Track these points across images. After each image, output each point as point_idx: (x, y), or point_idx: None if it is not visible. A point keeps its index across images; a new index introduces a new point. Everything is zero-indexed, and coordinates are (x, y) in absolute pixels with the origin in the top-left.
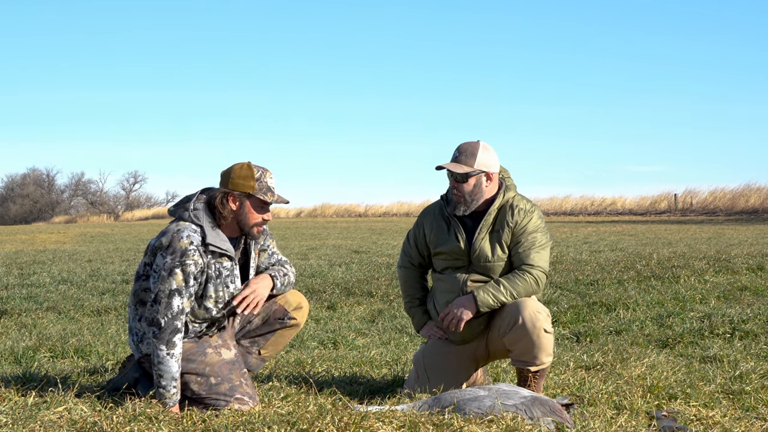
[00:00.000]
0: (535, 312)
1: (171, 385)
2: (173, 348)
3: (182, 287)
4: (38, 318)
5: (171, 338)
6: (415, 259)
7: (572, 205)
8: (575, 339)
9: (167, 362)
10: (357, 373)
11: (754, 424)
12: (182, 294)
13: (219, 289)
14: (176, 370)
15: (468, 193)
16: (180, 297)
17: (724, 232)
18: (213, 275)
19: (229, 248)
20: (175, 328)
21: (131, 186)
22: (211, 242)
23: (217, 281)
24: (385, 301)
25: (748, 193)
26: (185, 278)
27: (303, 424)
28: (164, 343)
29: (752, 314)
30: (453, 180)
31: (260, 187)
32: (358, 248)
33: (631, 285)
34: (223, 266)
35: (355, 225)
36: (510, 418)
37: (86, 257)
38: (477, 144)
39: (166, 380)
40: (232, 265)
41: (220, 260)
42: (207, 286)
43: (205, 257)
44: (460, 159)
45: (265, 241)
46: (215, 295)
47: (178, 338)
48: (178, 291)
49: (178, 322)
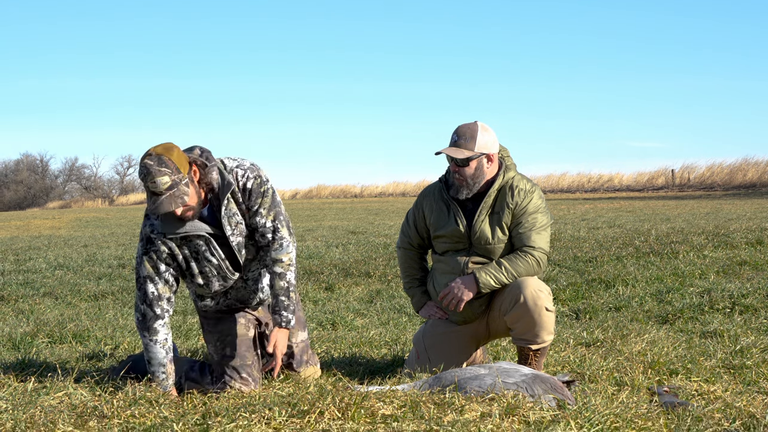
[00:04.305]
0: (536, 290)
1: (159, 371)
2: (155, 334)
3: (153, 274)
4: (35, 304)
5: (152, 324)
6: (414, 240)
7: (569, 182)
8: (574, 316)
9: (151, 348)
10: (356, 353)
11: (755, 398)
12: (155, 280)
13: (204, 265)
14: (163, 356)
15: (470, 177)
16: (153, 283)
17: (722, 207)
18: (190, 255)
19: (190, 228)
20: (154, 315)
21: (125, 170)
22: (165, 231)
23: (198, 257)
24: (384, 282)
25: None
26: (154, 265)
27: (304, 406)
28: (146, 330)
29: (752, 288)
30: (454, 164)
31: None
32: (355, 229)
33: (629, 261)
34: (197, 244)
35: (351, 206)
36: (511, 395)
37: (82, 242)
38: (476, 125)
39: (154, 366)
40: (205, 241)
41: (191, 240)
42: (190, 266)
43: (169, 243)
44: (460, 143)
45: (252, 200)
46: (201, 271)
47: (160, 324)
48: (150, 277)
49: (156, 308)
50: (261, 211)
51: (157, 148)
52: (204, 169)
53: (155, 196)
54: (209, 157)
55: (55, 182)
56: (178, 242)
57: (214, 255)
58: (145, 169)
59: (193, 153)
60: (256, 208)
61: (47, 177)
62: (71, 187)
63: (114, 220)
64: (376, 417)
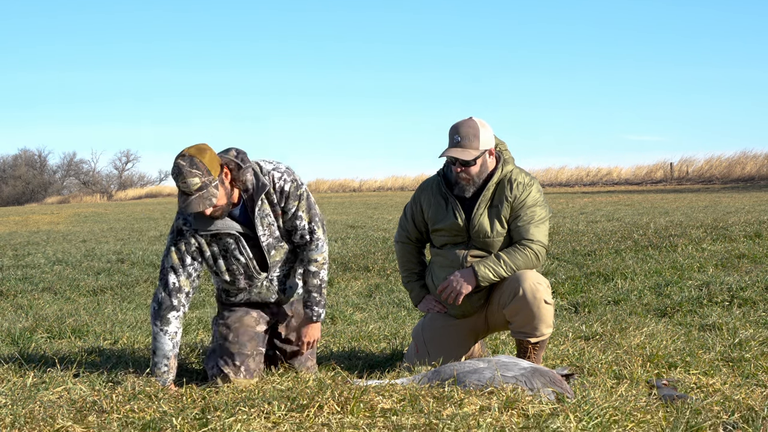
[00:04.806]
0: (535, 283)
1: (162, 362)
2: (167, 325)
3: (178, 265)
4: (34, 299)
5: (166, 314)
6: (412, 234)
7: (568, 175)
8: (573, 310)
9: (160, 338)
10: (356, 347)
11: (754, 390)
12: (178, 272)
13: (231, 263)
14: (169, 348)
15: (476, 175)
16: (175, 275)
17: (721, 200)
18: (219, 252)
19: (221, 226)
20: (170, 305)
21: (124, 165)
22: (197, 227)
23: (226, 255)
24: (382, 276)
25: (744, 161)
26: (180, 257)
27: (303, 400)
28: (159, 319)
29: (750, 281)
30: (459, 165)
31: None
32: (354, 223)
33: (628, 255)
34: (227, 242)
35: (350, 200)
36: (510, 389)
37: (80, 237)
38: (474, 123)
39: (158, 357)
40: (235, 239)
41: (222, 237)
42: (218, 263)
43: (200, 238)
44: (464, 144)
45: (288, 203)
46: (229, 269)
47: (173, 315)
48: (174, 268)
49: (174, 299)
50: (299, 214)
51: (190, 149)
52: (238, 171)
53: (185, 195)
54: (244, 158)
55: (53, 177)
56: (208, 239)
57: (243, 254)
58: (177, 169)
59: (228, 154)
60: (293, 210)
61: (45, 172)
62: (69, 182)
63: (113, 215)
64: (375, 411)
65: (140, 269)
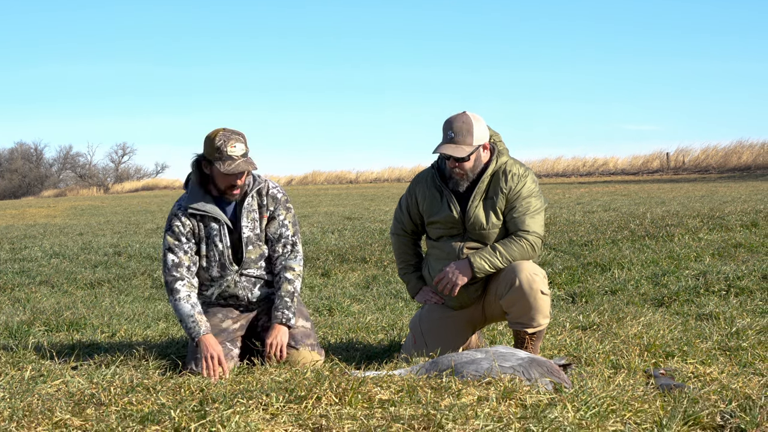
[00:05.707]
0: (531, 274)
1: (189, 321)
2: (177, 293)
3: (173, 245)
4: (31, 292)
5: (173, 286)
6: (407, 227)
7: (564, 166)
8: (570, 300)
9: (177, 306)
10: (353, 339)
11: (751, 379)
12: (174, 250)
13: (210, 248)
14: (189, 309)
15: (471, 170)
16: (173, 253)
17: (717, 190)
18: (203, 236)
19: (211, 209)
20: (173, 278)
21: (120, 158)
22: (190, 205)
23: (207, 240)
24: (379, 267)
25: (740, 150)
26: (176, 237)
27: (301, 391)
28: (170, 293)
29: (747, 271)
30: (453, 160)
31: (219, 156)
32: (351, 215)
33: (625, 245)
34: (211, 227)
35: (347, 192)
36: (508, 379)
37: (77, 230)
38: (468, 118)
39: (185, 321)
40: (219, 225)
41: (207, 222)
42: (200, 245)
43: (192, 219)
44: (458, 140)
45: (277, 209)
46: (207, 254)
47: (180, 284)
48: (170, 248)
49: (176, 273)
50: (286, 223)
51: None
52: None
53: (231, 160)
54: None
55: (49, 171)
56: (198, 220)
57: (222, 241)
58: (226, 136)
59: None
60: (281, 218)
61: (42, 165)
62: (66, 175)
63: (109, 208)
64: (373, 402)
65: (137, 262)
